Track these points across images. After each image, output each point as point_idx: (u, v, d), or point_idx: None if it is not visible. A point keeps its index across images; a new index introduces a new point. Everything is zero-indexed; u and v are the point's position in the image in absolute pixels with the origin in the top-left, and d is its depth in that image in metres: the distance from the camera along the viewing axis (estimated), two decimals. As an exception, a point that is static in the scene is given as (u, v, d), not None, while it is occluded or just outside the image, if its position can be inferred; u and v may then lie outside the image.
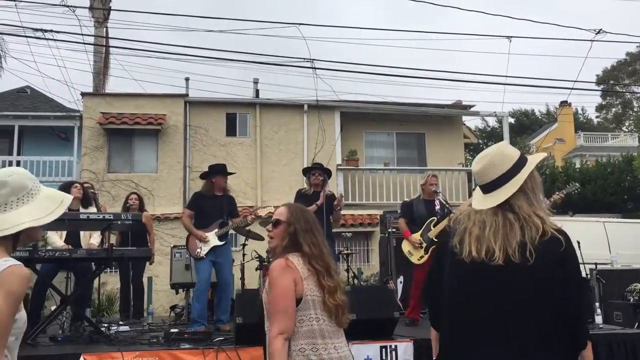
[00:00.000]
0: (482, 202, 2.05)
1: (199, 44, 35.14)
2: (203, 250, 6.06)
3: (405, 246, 6.46)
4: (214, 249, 6.08)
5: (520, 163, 2.05)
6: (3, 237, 1.96)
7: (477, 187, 2.12)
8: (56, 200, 2.12)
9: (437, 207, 6.46)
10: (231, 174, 6.53)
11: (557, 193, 6.33)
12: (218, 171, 6.35)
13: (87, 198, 6.45)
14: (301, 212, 2.66)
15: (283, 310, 2.42)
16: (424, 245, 6.28)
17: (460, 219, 2.06)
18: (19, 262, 1.94)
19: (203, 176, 6.50)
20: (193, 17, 20.18)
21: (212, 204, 6.21)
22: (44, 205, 2.08)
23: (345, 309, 2.55)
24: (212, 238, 6.10)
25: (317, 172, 6.62)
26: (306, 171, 6.85)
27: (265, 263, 7.58)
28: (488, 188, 2.05)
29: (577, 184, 7.46)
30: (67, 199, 2.15)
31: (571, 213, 16.55)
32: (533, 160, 2.10)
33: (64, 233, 6.18)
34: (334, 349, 2.50)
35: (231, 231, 6.40)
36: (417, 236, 6.37)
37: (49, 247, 5.93)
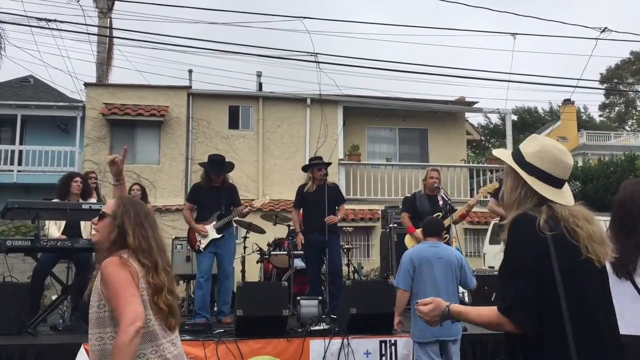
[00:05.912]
0: (570, 199, 2.01)
1: (203, 36, 35.10)
2: (202, 243, 6.09)
3: (409, 241, 6.42)
4: (213, 241, 6.09)
5: None
6: None
7: (554, 186, 1.99)
8: None
9: (440, 203, 6.43)
10: (228, 170, 6.38)
11: None
12: (211, 166, 6.25)
13: (87, 190, 6.43)
14: (131, 205, 2.45)
15: (129, 297, 2.19)
16: None
17: (565, 218, 1.96)
18: None
19: (202, 165, 6.46)
20: (197, 9, 20.12)
21: (209, 196, 6.17)
22: None
23: (174, 311, 2.37)
24: (211, 231, 6.10)
25: (321, 167, 6.60)
26: (307, 167, 6.81)
27: (267, 256, 7.59)
28: (562, 185, 2.00)
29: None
30: None
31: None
32: None
33: (62, 224, 6.17)
34: (173, 345, 2.36)
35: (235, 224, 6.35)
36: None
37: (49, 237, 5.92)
